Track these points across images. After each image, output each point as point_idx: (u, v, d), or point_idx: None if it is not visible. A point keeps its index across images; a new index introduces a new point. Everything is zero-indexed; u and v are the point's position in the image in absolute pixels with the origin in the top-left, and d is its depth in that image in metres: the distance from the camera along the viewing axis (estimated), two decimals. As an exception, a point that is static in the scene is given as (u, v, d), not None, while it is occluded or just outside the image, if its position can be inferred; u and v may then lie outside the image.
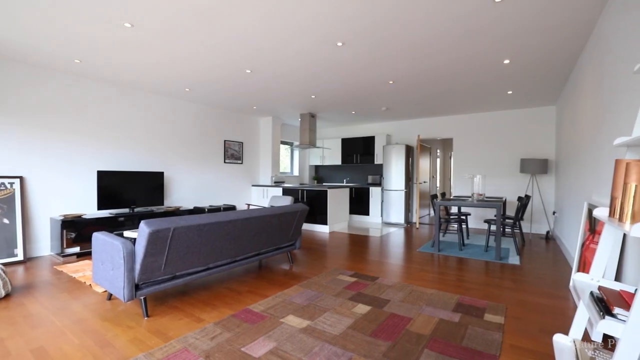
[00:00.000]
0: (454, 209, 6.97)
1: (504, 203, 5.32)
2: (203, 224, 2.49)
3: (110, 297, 2.73)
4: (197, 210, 5.63)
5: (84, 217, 4.19)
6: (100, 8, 2.65)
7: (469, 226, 6.76)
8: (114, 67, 4.06)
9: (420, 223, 7.24)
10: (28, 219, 4.03)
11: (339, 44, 3.31)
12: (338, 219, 6.32)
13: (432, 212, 9.01)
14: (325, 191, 6.02)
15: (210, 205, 6.18)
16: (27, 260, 3.94)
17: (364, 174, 8.37)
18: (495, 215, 5.18)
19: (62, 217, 3.98)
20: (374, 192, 7.48)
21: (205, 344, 2.00)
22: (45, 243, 4.18)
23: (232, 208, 6.27)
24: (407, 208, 7.13)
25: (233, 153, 6.89)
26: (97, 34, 3.12)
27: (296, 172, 8.85)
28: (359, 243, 5.07)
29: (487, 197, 5.19)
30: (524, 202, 4.68)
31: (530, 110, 6.17)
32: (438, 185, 9.68)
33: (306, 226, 6.33)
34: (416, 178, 7.24)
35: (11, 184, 3.85)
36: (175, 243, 2.37)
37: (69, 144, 4.40)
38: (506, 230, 5.64)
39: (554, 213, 5.71)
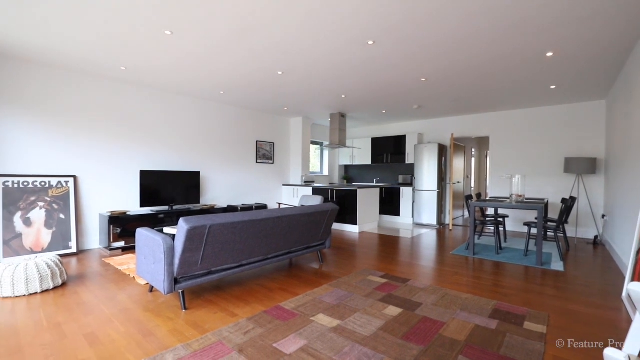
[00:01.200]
0: (490, 211, 6.66)
1: (546, 205, 5.00)
2: (237, 222, 2.58)
3: (151, 289, 2.90)
4: (231, 209, 5.83)
5: (128, 213, 4.49)
6: (143, 17, 2.82)
7: (507, 229, 6.43)
8: (155, 72, 4.31)
9: (453, 225, 7.00)
10: (80, 215, 4.38)
11: (370, 42, 3.28)
12: (368, 219, 6.26)
13: (466, 213, 8.67)
14: (355, 191, 6.00)
15: (242, 204, 6.38)
16: (80, 252, 4.29)
17: (395, 173, 8.23)
18: (536, 218, 4.89)
19: (109, 214, 4.29)
20: (405, 193, 7.33)
21: (239, 338, 2.07)
22: (94, 237, 4.53)
23: (264, 207, 6.43)
24: (439, 209, 6.92)
25: (265, 153, 7.06)
26: (140, 41, 3.33)
27: (326, 172, 8.89)
28: (389, 244, 5.00)
29: (527, 199, 4.91)
30: (568, 204, 4.37)
31: (576, 105, 5.75)
32: (473, 185, 9.30)
33: (336, 226, 6.33)
34: (449, 178, 7.00)
35: (66, 182, 4.21)
36: (211, 240, 2.47)
37: (115, 145, 4.73)
38: (548, 234, 5.30)
39: (603, 216, 5.28)
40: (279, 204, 5.91)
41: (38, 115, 4.03)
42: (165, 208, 5.11)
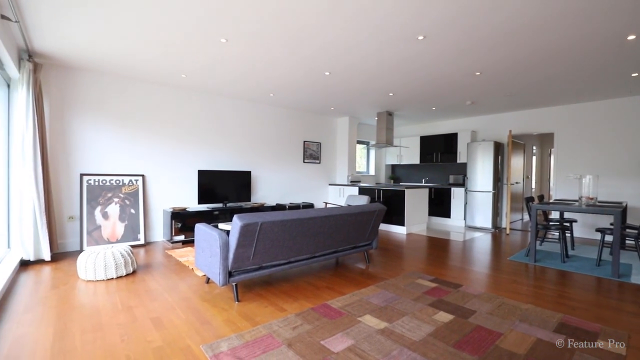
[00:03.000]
0: (555, 214, 6.06)
1: (625, 209, 4.42)
2: (286, 220, 2.66)
3: (208, 280, 3.11)
4: (279, 207, 6.02)
5: (187, 209, 4.86)
6: (201, 27, 3.03)
7: (575, 235, 5.80)
8: (211, 78, 4.60)
9: (511, 229, 6.50)
10: (147, 210, 4.85)
11: (420, 37, 3.17)
12: (416, 220, 6.07)
13: (526, 216, 8.00)
14: (403, 191, 5.84)
15: (290, 203, 6.56)
16: (147, 244, 4.75)
17: (445, 173, 7.86)
18: (611, 224, 4.34)
19: (171, 209, 4.69)
20: (457, 193, 6.97)
21: (288, 332, 2.14)
22: (159, 230, 4.98)
23: (310, 206, 6.54)
24: (495, 211, 6.47)
25: (311, 153, 7.18)
26: (197, 50, 3.58)
27: (372, 172, 8.78)
28: (439, 247, 4.79)
29: (599, 202, 4.39)
30: (654, 209, 3.82)
31: (666, 96, 5.00)
32: (534, 186, 8.54)
33: (382, 226, 6.24)
34: (507, 178, 6.50)
35: (136, 180, 4.69)
36: (262, 236, 2.58)
37: (177, 147, 5.15)
38: (627, 242, 4.68)
39: (700, 224, 4.53)
40: (326, 203, 5.97)
41: (113, 120, 4.54)
42: (220, 205, 5.44)
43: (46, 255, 3.71)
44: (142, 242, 4.65)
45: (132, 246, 4.57)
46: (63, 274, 3.32)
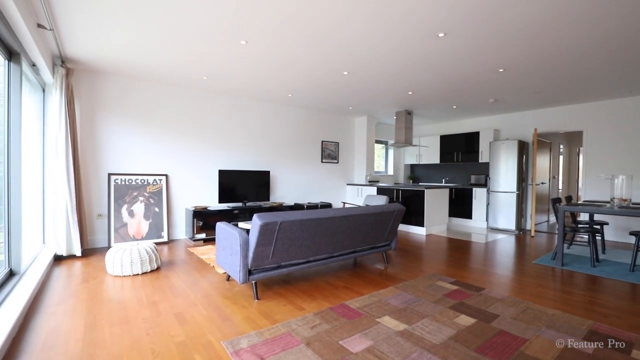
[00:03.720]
0: (584, 216, 5.80)
1: (662, 212, 4.17)
2: (305, 220, 2.68)
3: (228, 278, 3.18)
4: (297, 207, 6.06)
5: (208, 208, 4.98)
6: (222, 29, 3.10)
7: (605, 238, 5.53)
8: (231, 80, 4.69)
9: (536, 231, 6.27)
10: (170, 209, 5.00)
11: (440, 34, 3.11)
12: (436, 221, 5.95)
13: (552, 218, 7.69)
14: (422, 191, 5.75)
15: (308, 202, 6.59)
16: (170, 241, 4.90)
17: (466, 173, 7.67)
18: (647, 227, 4.10)
19: (193, 208, 4.82)
20: (478, 194, 6.79)
21: (306, 331, 2.15)
22: (181, 228, 5.13)
23: (328, 205, 6.55)
24: (519, 213, 6.26)
25: (329, 153, 7.18)
26: (218, 52, 3.66)
27: (391, 172, 8.69)
28: (459, 248, 4.69)
29: (634, 204, 4.16)
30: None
31: None
32: (561, 187, 8.20)
33: (401, 227, 6.16)
34: (532, 178, 6.27)
35: (160, 180, 4.85)
36: (281, 235, 2.61)
37: (199, 147, 5.28)
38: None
39: None
40: (344, 203, 5.96)
41: (138, 122, 4.71)
42: (239, 204, 5.54)
43: (77, 250, 3.90)
44: (165, 239, 4.80)
45: (156, 243, 4.73)
46: (92, 269, 3.48)
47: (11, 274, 2.82)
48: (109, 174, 4.46)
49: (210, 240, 4.91)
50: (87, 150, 4.33)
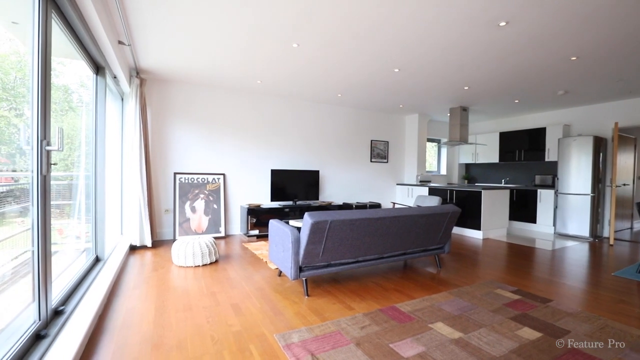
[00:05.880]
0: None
1: None
2: (355, 219, 2.68)
3: (280, 274, 3.30)
4: (346, 206, 6.08)
5: (261, 206, 5.21)
6: (275, 34, 3.22)
7: None
8: (283, 82, 4.86)
9: (615, 239, 5.53)
10: (227, 206, 5.34)
11: (502, 23, 2.89)
12: (494, 224, 5.56)
13: (637, 225, 6.72)
14: (479, 192, 5.40)
15: (357, 202, 6.56)
16: (226, 236, 5.23)
17: (530, 173, 7.03)
18: None
19: (247, 206, 5.08)
20: (544, 196, 6.18)
21: (356, 331, 2.16)
22: (236, 225, 5.44)
23: (377, 206, 6.46)
24: (594, 218, 5.57)
25: (379, 152, 7.07)
26: (271, 56, 3.81)
27: (444, 171, 8.29)
28: (521, 255, 4.32)
29: None
30: None
31: None
32: (650, 189, 7.11)
33: (454, 229, 5.85)
34: (611, 179, 5.54)
35: (218, 179, 5.20)
36: (331, 234, 2.65)
37: (253, 147, 5.56)
38: None
39: None
40: (394, 203, 5.84)
41: (199, 125, 5.10)
42: (290, 203, 5.71)
43: (148, 241, 4.35)
44: (222, 234, 5.14)
45: (214, 238, 5.08)
46: (160, 259, 3.85)
47: (97, 260, 3.24)
48: (175, 173, 4.90)
49: (262, 237, 5.14)
50: (156, 151, 4.80)
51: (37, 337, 1.72)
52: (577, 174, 5.71)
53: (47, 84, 1.79)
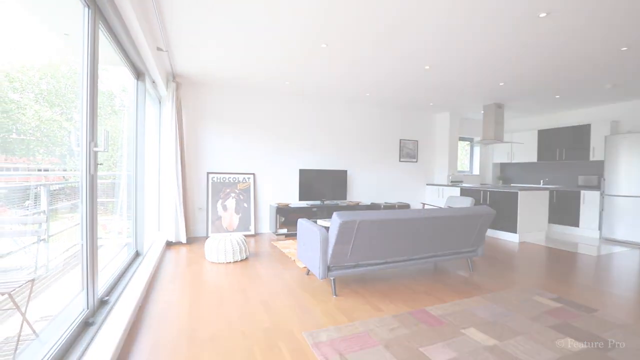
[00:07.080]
0: None
1: None
2: (384, 220, 2.65)
3: (308, 272, 3.33)
4: (374, 206, 6.01)
5: (289, 205, 5.29)
6: (305, 35, 3.25)
7: None
8: (311, 83, 4.89)
9: (673, 245, 5.05)
10: (257, 204, 5.47)
11: (542, 15, 2.73)
12: (531, 227, 5.26)
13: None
14: (516, 193, 5.14)
15: (385, 202, 6.48)
16: (256, 234, 5.36)
17: (572, 173, 6.59)
18: None
19: (276, 205, 5.17)
20: (588, 198, 5.77)
21: (385, 333, 2.13)
22: (265, 223, 5.56)
23: (406, 206, 6.33)
24: (648, 222, 5.12)
25: (408, 152, 6.93)
26: (300, 57, 3.84)
27: (476, 171, 7.97)
28: (562, 260, 4.06)
29: None
30: None
31: None
32: None
33: (488, 232, 5.61)
34: (668, 180, 5.06)
35: (248, 178, 5.34)
36: (360, 234, 2.63)
37: (282, 148, 5.66)
38: None
39: None
40: (423, 204, 5.70)
41: (231, 126, 5.26)
42: (318, 202, 5.74)
43: (183, 238, 4.55)
44: (252, 232, 5.27)
45: (245, 236, 5.21)
46: (194, 255, 4.01)
47: (137, 254, 3.44)
48: (208, 173, 5.09)
49: (291, 235, 5.20)
50: (190, 152, 5.01)
51: (86, 324, 1.86)
52: (627, 174, 5.27)
53: (95, 90, 1.93)
